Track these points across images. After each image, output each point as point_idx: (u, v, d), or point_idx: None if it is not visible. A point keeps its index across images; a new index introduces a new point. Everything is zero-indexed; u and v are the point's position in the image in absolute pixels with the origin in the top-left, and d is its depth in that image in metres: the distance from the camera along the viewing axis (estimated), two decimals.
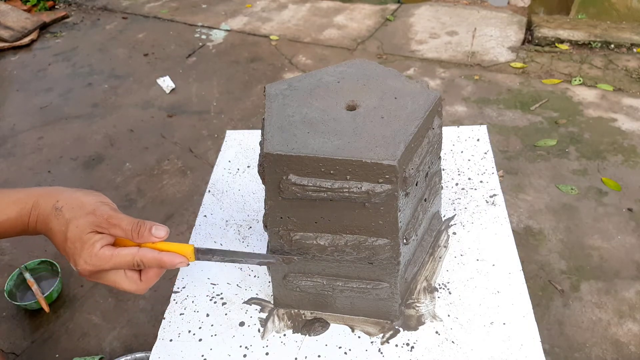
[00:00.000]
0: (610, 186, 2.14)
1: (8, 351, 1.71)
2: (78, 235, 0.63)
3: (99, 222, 0.63)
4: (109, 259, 0.63)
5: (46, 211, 0.65)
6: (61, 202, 0.65)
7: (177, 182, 2.35)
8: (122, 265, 0.64)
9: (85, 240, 0.63)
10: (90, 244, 0.63)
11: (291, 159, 0.63)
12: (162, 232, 0.66)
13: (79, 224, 0.63)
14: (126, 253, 0.64)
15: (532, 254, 1.88)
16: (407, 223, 0.72)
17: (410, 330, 0.77)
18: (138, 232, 0.64)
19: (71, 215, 0.64)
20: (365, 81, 0.76)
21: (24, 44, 3.61)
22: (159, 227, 0.66)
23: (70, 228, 0.63)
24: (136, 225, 0.64)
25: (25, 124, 2.83)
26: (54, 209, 0.65)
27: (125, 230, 0.64)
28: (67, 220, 0.63)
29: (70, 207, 0.64)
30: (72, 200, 0.65)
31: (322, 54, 3.28)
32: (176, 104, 2.90)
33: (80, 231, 0.63)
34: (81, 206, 0.64)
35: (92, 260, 0.63)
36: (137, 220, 0.65)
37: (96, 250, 0.63)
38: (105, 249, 0.63)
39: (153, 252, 0.65)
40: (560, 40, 3.17)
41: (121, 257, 0.64)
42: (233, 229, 0.96)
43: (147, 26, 3.83)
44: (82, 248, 0.63)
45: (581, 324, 1.66)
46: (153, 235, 0.65)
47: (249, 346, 0.77)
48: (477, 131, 1.11)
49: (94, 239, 0.63)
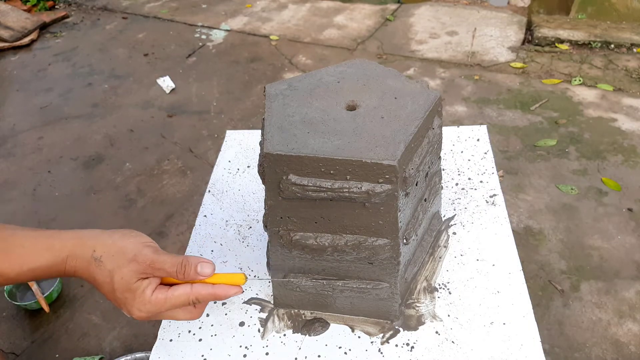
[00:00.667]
0: (610, 186, 2.14)
1: (8, 351, 1.71)
2: (126, 286, 0.61)
3: (142, 269, 0.62)
4: (163, 302, 0.62)
5: (84, 261, 0.63)
6: (99, 251, 0.63)
7: (177, 182, 2.35)
8: (178, 305, 0.63)
9: (134, 289, 0.61)
10: (140, 292, 0.61)
11: (291, 159, 0.63)
12: (208, 270, 0.64)
13: (123, 275, 0.61)
14: (180, 294, 0.63)
15: (532, 254, 1.88)
16: (407, 223, 0.72)
17: (410, 330, 0.77)
18: (184, 274, 0.62)
19: (113, 265, 0.62)
20: (365, 81, 0.76)
21: (24, 44, 3.61)
22: (204, 265, 0.64)
23: (116, 280, 0.61)
24: (181, 266, 0.62)
25: (25, 124, 2.83)
26: (93, 260, 0.62)
27: (170, 272, 0.62)
28: (110, 272, 0.62)
29: (109, 256, 0.62)
30: (110, 248, 0.63)
31: (322, 54, 3.28)
32: (176, 104, 2.90)
33: (127, 282, 0.61)
34: (121, 253, 0.62)
35: (145, 307, 0.62)
36: (181, 259, 0.63)
37: (148, 298, 0.62)
38: (157, 294, 0.62)
39: (207, 288, 0.64)
40: (560, 40, 3.17)
41: (175, 299, 0.63)
42: (233, 229, 0.96)
43: (147, 26, 3.83)
44: (134, 298, 0.61)
45: (581, 324, 1.66)
46: (199, 275, 0.63)
47: (249, 346, 0.77)
48: (477, 131, 1.11)
49: (143, 287, 0.62)
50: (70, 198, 2.30)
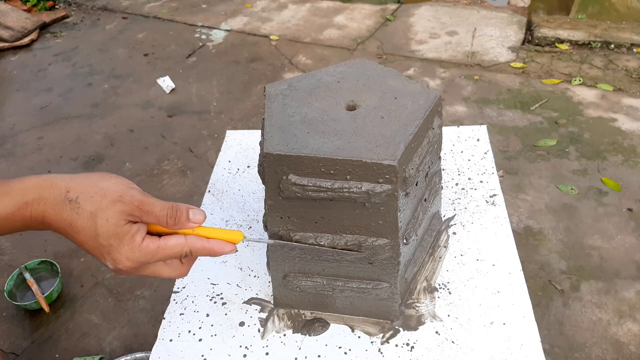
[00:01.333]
0: (610, 186, 2.14)
1: (8, 351, 1.71)
2: (112, 231, 0.54)
3: (130, 210, 0.55)
4: (155, 252, 0.56)
5: (56, 205, 0.54)
6: (73, 192, 0.54)
7: (177, 182, 2.35)
8: (169, 257, 0.57)
9: (122, 234, 0.54)
10: (129, 238, 0.55)
11: (291, 159, 0.63)
12: (200, 217, 0.58)
13: (108, 217, 0.54)
14: (174, 244, 0.57)
15: (532, 254, 1.88)
16: (407, 223, 0.72)
17: (410, 330, 0.77)
18: (175, 219, 0.56)
19: (94, 206, 0.54)
20: (365, 81, 0.76)
21: (24, 44, 3.61)
22: (196, 211, 0.58)
23: (100, 222, 0.54)
24: (171, 210, 0.56)
25: (25, 124, 2.83)
26: (67, 201, 0.54)
27: (159, 216, 0.56)
28: (91, 214, 0.54)
29: (88, 197, 0.54)
30: (88, 188, 0.55)
31: (322, 54, 3.28)
32: (176, 104, 2.90)
33: (114, 224, 0.54)
34: (102, 194, 0.55)
35: (134, 255, 0.55)
36: (171, 204, 0.57)
37: (138, 244, 0.55)
38: (147, 242, 0.56)
39: (202, 241, 0.58)
40: (560, 40, 3.17)
41: (168, 249, 0.57)
42: (233, 229, 0.96)
43: (147, 26, 3.83)
44: (121, 244, 0.55)
45: (581, 324, 1.66)
46: (191, 221, 0.58)
47: (249, 346, 0.77)
48: (477, 131, 1.11)
49: (132, 231, 0.55)
50: None
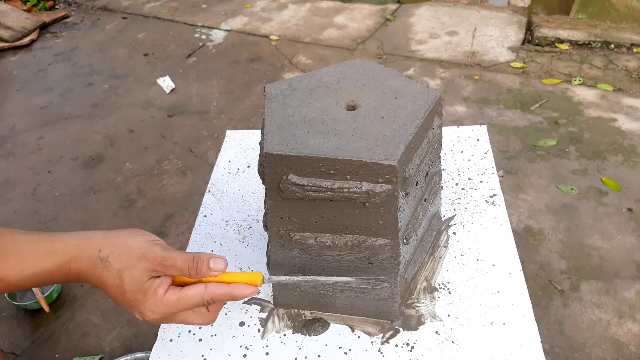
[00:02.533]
0: (610, 186, 2.14)
1: (8, 351, 1.71)
2: (137, 287, 0.58)
3: (153, 266, 0.59)
4: (177, 303, 0.59)
5: (90, 263, 0.59)
6: (105, 251, 0.59)
7: (177, 182, 2.35)
8: (192, 306, 0.60)
9: (146, 289, 0.59)
10: (152, 292, 0.59)
11: (291, 159, 0.63)
12: (221, 265, 0.62)
13: (133, 274, 0.58)
14: (194, 294, 0.60)
15: (532, 254, 1.88)
16: (407, 223, 0.72)
17: (410, 330, 0.77)
18: (196, 270, 0.60)
19: (121, 265, 0.59)
20: (365, 81, 0.76)
21: (24, 44, 3.61)
22: (217, 260, 0.62)
23: (126, 280, 0.58)
24: (192, 262, 0.60)
25: (25, 124, 2.83)
26: (100, 260, 0.59)
27: (182, 269, 0.60)
28: (118, 272, 0.59)
29: (117, 256, 0.59)
30: (117, 247, 0.60)
31: (322, 54, 3.28)
32: (176, 104, 2.90)
33: (138, 281, 0.58)
34: (129, 252, 0.59)
35: (158, 308, 0.59)
36: (192, 255, 0.61)
37: (160, 297, 0.59)
38: (170, 294, 0.59)
39: (222, 287, 0.61)
40: (560, 40, 3.17)
41: (189, 299, 0.60)
42: (233, 229, 0.96)
43: (147, 26, 3.83)
44: (145, 298, 0.59)
45: (581, 324, 1.66)
46: (212, 270, 0.61)
47: (249, 346, 0.77)
48: (477, 131, 1.11)
49: (155, 286, 0.59)
50: (70, 198, 2.30)
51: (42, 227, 2.15)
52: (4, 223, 2.18)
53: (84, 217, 2.19)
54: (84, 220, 2.18)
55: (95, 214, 2.21)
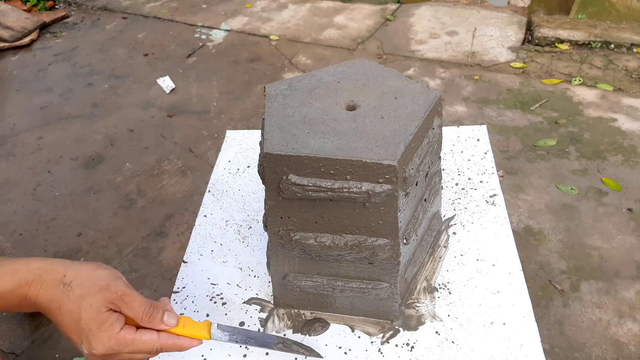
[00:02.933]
0: (610, 186, 2.14)
1: (8, 351, 1.71)
2: (93, 316, 0.58)
3: (113, 298, 0.60)
4: (130, 343, 0.60)
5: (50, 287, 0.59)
6: (69, 277, 0.60)
7: (177, 182, 2.35)
8: (142, 351, 0.61)
9: (102, 320, 0.58)
10: (108, 325, 0.59)
11: (291, 159, 0.63)
12: (173, 321, 0.64)
13: (93, 302, 0.58)
14: (147, 339, 0.61)
15: (532, 254, 1.88)
16: (407, 223, 0.72)
17: (410, 330, 0.77)
18: (150, 317, 0.61)
19: (83, 291, 0.59)
20: (365, 81, 0.76)
21: (24, 44, 3.61)
22: (170, 315, 0.64)
23: (84, 307, 0.58)
24: (149, 309, 0.62)
25: (25, 124, 2.83)
26: (61, 284, 0.59)
27: (137, 312, 0.61)
28: (79, 297, 0.58)
29: (80, 282, 0.59)
30: (81, 274, 0.60)
31: (322, 54, 3.28)
32: (176, 104, 2.90)
33: (96, 309, 0.58)
34: (92, 280, 0.60)
35: (109, 343, 0.59)
36: (150, 303, 0.63)
37: (115, 334, 0.59)
38: (125, 332, 0.60)
39: (173, 339, 0.64)
40: (560, 40, 3.17)
41: (142, 344, 0.61)
42: (233, 229, 0.96)
43: (147, 26, 3.83)
44: (100, 329, 0.58)
45: (581, 324, 1.66)
46: (164, 323, 0.63)
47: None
48: (477, 131, 1.11)
49: (112, 319, 0.59)
50: (70, 198, 2.30)
51: (42, 227, 2.15)
52: (4, 223, 2.18)
53: (84, 217, 2.19)
54: (84, 220, 2.18)
55: (95, 214, 2.21)
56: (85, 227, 2.14)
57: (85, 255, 2.00)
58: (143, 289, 1.87)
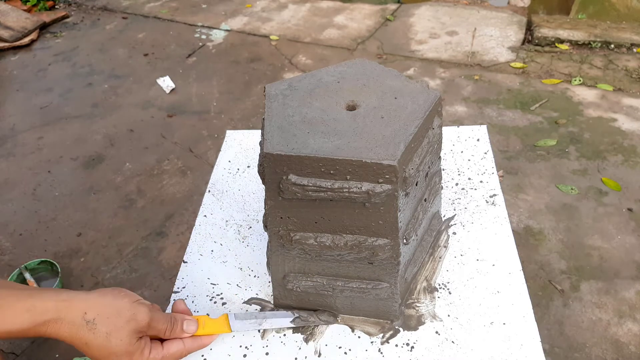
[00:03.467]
0: (610, 186, 2.14)
1: (8, 351, 1.71)
2: (124, 349, 0.60)
3: (140, 328, 0.62)
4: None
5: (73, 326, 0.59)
6: (91, 314, 0.60)
7: (177, 182, 2.35)
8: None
9: (133, 351, 0.61)
10: (139, 354, 0.62)
11: (291, 159, 0.63)
12: (193, 327, 0.69)
13: (122, 337, 0.60)
14: (175, 351, 0.67)
15: (532, 254, 1.88)
16: (407, 223, 0.72)
17: (410, 330, 0.77)
18: (171, 332, 0.67)
19: (109, 328, 0.60)
20: (365, 81, 0.76)
21: (24, 44, 3.61)
22: (190, 322, 0.69)
23: (114, 343, 0.60)
24: (170, 325, 0.67)
25: (25, 124, 2.83)
26: (84, 323, 0.59)
27: (160, 331, 0.66)
28: (106, 335, 0.59)
29: (104, 319, 0.60)
30: (104, 309, 0.60)
31: (322, 54, 3.28)
32: (176, 104, 2.90)
33: (127, 344, 0.61)
34: (117, 314, 0.61)
35: None
36: (170, 317, 0.67)
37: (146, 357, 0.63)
38: (154, 354, 0.64)
39: (197, 342, 0.70)
40: (560, 40, 3.17)
41: (171, 357, 0.66)
42: (233, 229, 0.96)
43: (147, 26, 3.83)
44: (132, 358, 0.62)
45: (581, 324, 1.66)
46: (185, 332, 0.68)
47: (249, 346, 0.77)
48: (477, 131, 1.11)
49: (141, 347, 0.63)
50: (70, 198, 2.30)
51: (42, 227, 2.15)
52: (4, 223, 2.18)
53: (84, 217, 2.19)
54: (84, 220, 2.18)
55: (95, 214, 2.21)
56: (85, 227, 2.14)
57: (85, 255, 2.00)
58: (143, 289, 1.87)
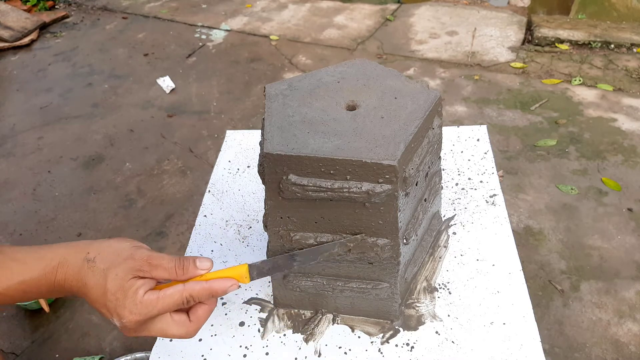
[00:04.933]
0: (610, 186, 2.14)
1: (8, 351, 1.71)
2: (119, 285, 0.58)
3: (139, 265, 0.59)
4: (156, 302, 0.59)
5: (76, 266, 0.60)
6: (92, 253, 0.60)
7: (177, 182, 2.35)
8: (171, 306, 0.60)
9: (127, 288, 0.58)
10: (133, 292, 0.58)
11: (291, 159, 0.63)
12: (207, 264, 0.62)
13: (118, 272, 0.58)
14: (173, 292, 0.60)
15: (532, 254, 1.88)
16: (407, 223, 0.72)
17: (410, 330, 0.77)
18: (182, 268, 0.61)
19: (107, 264, 0.59)
20: (365, 81, 0.76)
21: (24, 44, 3.61)
22: (203, 259, 0.63)
23: (110, 278, 0.58)
24: (179, 261, 0.61)
25: (25, 124, 2.83)
26: (86, 262, 0.59)
27: (168, 268, 0.60)
28: (103, 271, 0.59)
29: (104, 257, 0.60)
30: (104, 249, 0.60)
31: (322, 54, 3.28)
32: (176, 104, 2.90)
33: (121, 279, 0.58)
34: (116, 253, 0.60)
35: (137, 308, 0.58)
36: (178, 257, 0.62)
37: (140, 297, 0.58)
38: (149, 294, 0.59)
39: (201, 283, 0.61)
40: (560, 40, 3.17)
41: (168, 298, 0.59)
42: (233, 229, 0.96)
43: (147, 26, 3.83)
44: (125, 297, 0.58)
45: (581, 324, 1.66)
46: (198, 269, 0.61)
47: (249, 346, 0.77)
48: (477, 131, 1.11)
49: (137, 285, 0.58)
50: (70, 198, 2.30)
51: (42, 227, 2.15)
52: (4, 223, 2.18)
53: (84, 217, 2.19)
54: (84, 220, 2.18)
55: (95, 214, 2.21)
56: (85, 227, 2.14)
57: None
58: None
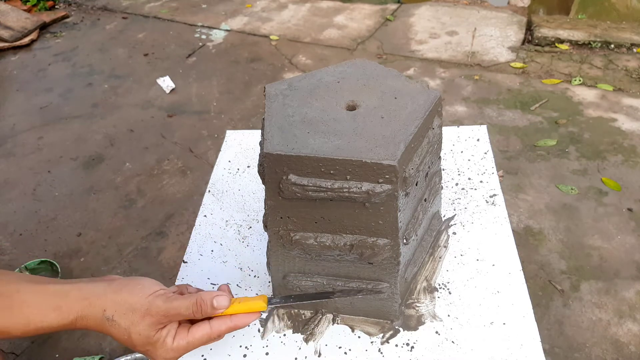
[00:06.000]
0: (610, 186, 2.14)
1: (8, 351, 1.71)
2: (145, 341, 0.62)
3: (157, 320, 0.62)
4: (186, 347, 0.64)
5: (97, 321, 0.62)
6: (109, 311, 0.62)
7: (177, 182, 2.35)
8: (201, 345, 0.65)
9: (155, 341, 0.62)
10: (161, 343, 0.62)
11: (291, 159, 0.63)
12: (224, 302, 0.64)
13: (140, 331, 0.62)
14: (201, 335, 0.64)
15: (532, 254, 1.88)
16: (407, 223, 0.72)
17: (410, 330, 0.77)
18: (201, 312, 0.63)
19: (127, 323, 0.62)
20: (365, 81, 0.76)
21: (24, 44, 3.61)
22: (220, 299, 0.64)
23: (134, 337, 0.62)
24: (196, 306, 0.63)
25: (25, 124, 2.83)
26: (106, 320, 0.62)
27: (186, 315, 0.63)
28: (126, 329, 0.62)
29: (122, 314, 0.62)
30: (120, 306, 0.62)
31: (322, 54, 3.28)
32: (176, 104, 2.90)
33: (146, 337, 0.62)
34: (132, 310, 0.62)
35: (169, 355, 0.63)
36: (195, 298, 0.63)
37: (170, 346, 0.63)
38: (178, 340, 0.63)
39: (226, 322, 0.65)
40: (560, 40, 3.17)
41: (197, 341, 0.64)
42: (233, 229, 0.96)
43: (147, 26, 3.83)
44: (155, 349, 0.63)
45: (581, 324, 1.66)
46: (216, 310, 0.64)
47: (249, 346, 0.77)
48: (477, 131, 1.11)
49: (162, 336, 0.63)
50: (70, 198, 2.30)
51: (42, 227, 2.15)
52: (4, 223, 2.18)
53: (84, 217, 2.19)
54: (84, 220, 2.18)
55: (95, 214, 2.21)
56: (85, 227, 2.14)
57: (85, 255, 2.00)
58: None
